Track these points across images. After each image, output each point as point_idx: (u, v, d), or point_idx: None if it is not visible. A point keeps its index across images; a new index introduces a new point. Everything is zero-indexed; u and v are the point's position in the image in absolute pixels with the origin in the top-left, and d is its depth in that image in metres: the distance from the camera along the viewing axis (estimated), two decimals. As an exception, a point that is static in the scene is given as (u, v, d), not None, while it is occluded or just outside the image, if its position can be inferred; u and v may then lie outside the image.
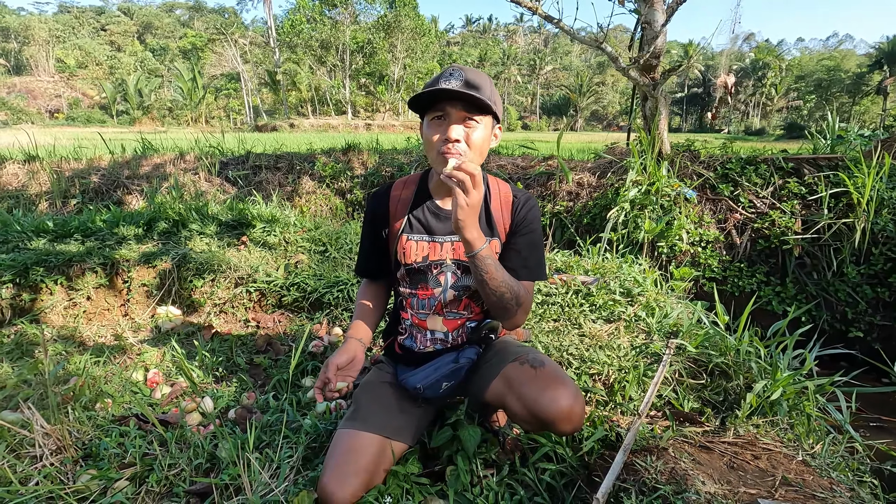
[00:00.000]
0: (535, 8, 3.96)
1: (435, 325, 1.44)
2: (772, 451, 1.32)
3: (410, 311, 1.46)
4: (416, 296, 1.43)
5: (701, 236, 3.92)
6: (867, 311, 3.40)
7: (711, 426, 1.53)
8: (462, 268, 1.39)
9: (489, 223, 1.39)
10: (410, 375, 1.41)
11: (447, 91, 1.19)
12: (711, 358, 1.80)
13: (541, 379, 1.22)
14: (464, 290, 1.40)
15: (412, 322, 1.47)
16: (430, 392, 1.37)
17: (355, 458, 1.26)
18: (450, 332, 1.44)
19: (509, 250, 1.38)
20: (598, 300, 2.18)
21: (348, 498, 1.20)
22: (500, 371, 1.31)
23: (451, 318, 1.44)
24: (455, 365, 1.40)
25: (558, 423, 1.17)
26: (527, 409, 1.20)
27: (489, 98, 1.22)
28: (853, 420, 1.64)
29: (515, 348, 1.39)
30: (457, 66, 1.25)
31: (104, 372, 2.13)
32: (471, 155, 1.24)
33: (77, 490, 1.37)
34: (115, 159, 5.77)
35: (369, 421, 1.34)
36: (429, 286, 1.41)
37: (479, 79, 1.24)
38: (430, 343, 1.46)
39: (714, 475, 1.24)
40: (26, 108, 42.09)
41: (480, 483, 1.44)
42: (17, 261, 2.61)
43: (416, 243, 1.39)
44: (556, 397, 1.17)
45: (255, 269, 2.79)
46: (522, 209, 1.39)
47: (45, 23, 58.86)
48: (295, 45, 40.63)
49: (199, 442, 1.58)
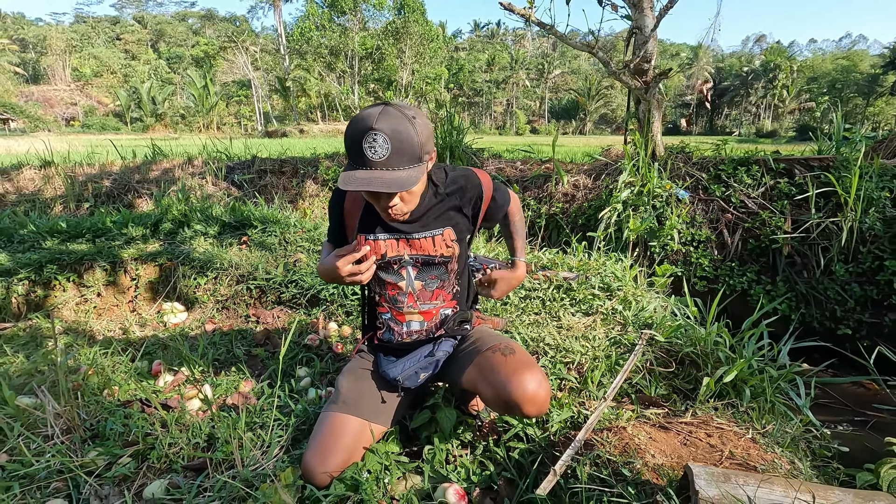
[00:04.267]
0: (529, 15, 4.08)
1: (411, 316, 1.52)
2: (724, 429, 1.41)
3: (386, 304, 1.53)
4: (386, 291, 1.50)
5: (693, 236, 3.99)
6: (855, 309, 3.45)
7: (675, 410, 1.62)
8: (421, 261, 1.46)
9: (440, 216, 1.44)
10: (390, 367, 1.51)
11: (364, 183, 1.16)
12: (682, 347, 1.89)
13: (509, 365, 1.30)
14: (430, 282, 1.49)
15: (390, 315, 1.54)
16: (409, 383, 1.48)
17: (336, 437, 1.38)
18: (425, 322, 1.53)
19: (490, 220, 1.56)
20: (579, 295, 2.28)
21: (328, 473, 1.33)
22: (474, 360, 1.40)
23: (426, 309, 1.52)
24: (432, 357, 1.49)
25: (524, 405, 1.25)
26: (496, 393, 1.29)
27: (409, 163, 1.19)
28: (837, 412, 1.72)
29: (490, 338, 1.48)
30: (378, 133, 1.15)
31: (111, 362, 2.27)
32: (411, 205, 1.33)
33: (84, 464, 1.50)
34: (126, 164, 5.98)
35: (350, 404, 1.45)
36: (394, 280, 1.48)
37: (403, 142, 1.17)
38: (406, 335, 1.53)
39: (667, 450, 1.33)
40: (43, 116, 43.06)
41: (455, 461, 1.55)
42: (33, 259, 2.77)
43: (374, 242, 1.43)
44: (521, 382, 1.25)
45: (256, 268, 2.92)
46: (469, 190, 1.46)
47: (63, 32, 60.22)
48: (304, 51, 41.18)
49: (198, 424, 1.70)
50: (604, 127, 60.03)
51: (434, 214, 1.43)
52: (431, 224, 1.43)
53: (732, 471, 1.03)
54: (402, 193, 1.27)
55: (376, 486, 1.42)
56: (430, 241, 1.44)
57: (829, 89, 47.74)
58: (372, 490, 1.39)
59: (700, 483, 0.98)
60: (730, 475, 1.00)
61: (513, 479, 1.45)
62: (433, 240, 1.43)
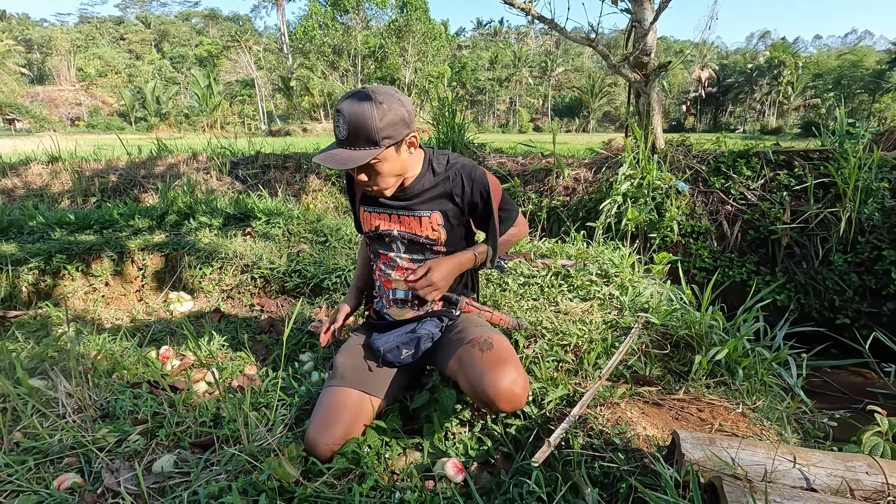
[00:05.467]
0: (529, 9, 4.11)
1: (397, 284, 1.58)
2: (715, 405, 1.45)
3: (378, 272, 1.63)
4: (379, 258, 1.61)
5: (693, 227, 4.02)
6: (854, 299, 3.47)
7: (668, 389, 1.66)
8: (407, 238, 1.53)
9: (430, 199, 1.48)
10: (377, 340, 1.58)
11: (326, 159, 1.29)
12: (677, 331, 1.93)
13: (486, 361, 1.32)
14: (418, 259, 1.55)
15: (380, 283, 1.64)
16: (392, 356, 1.54)
17: (337, 410, 1.44)
18: (409, 293, 1.58)
19: (483, 221, 1.55)
20: (577, 281, 2.32)
21: (329, 445, 1.38)
22: (457, 351, 1.43)
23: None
24: (413, 334, 1.54)
25: (498, 401, 1.28)
26: (473, 388, 1.32)
27: (365, 144, 1.27)
28: (834, 400, 1.75)
29: (473, 329, 1.50)
30: (341, 115, 1.27)
31: (120, 348, 2.32)
32: (381, 184, 1.39)
33: (96, 440, 1.55)
34: (132, 160, 6.05)
35: (348, 378, 1.52)
36: (385, 251, 1.58)
37: (358, 125, 1.25)
38: (391, 303, 1.61)
39: (658, 424, 1.37)
40: (48, 116, 43.33)
41: (454, 438, 1.59)
42: (42, 249, 2.84)
43: (370, 214, 1.56)
44: (495, 379, 1.27)
45: (260, 258, 2.98)
46: (465, 183, 1.48)
47: (67, 33, 60.57)
48: (307, 50, 41.25)
49: (205, 404, 1.76)
50: (607, 125, 59.89)
51: (426, 197, 1.48)
52: (420, 206, 1.49)
53: (717, 436, 1.07)
54: (367, 172, 1.35)
55: (377, 460, 1.47)
56: (418, 221, 1.49)
57: (834, 86, 47.42)
58: (373, 464, 1.44)
59: (686, 446, 1.03)
60: (714, 439, 1.04)
61: (509, 453, 1.50)
62: (420, 220, 1.49)
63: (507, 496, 1.27)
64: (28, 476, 1.36)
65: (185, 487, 1.31)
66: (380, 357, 1.55)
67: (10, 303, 2.80)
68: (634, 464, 1.13)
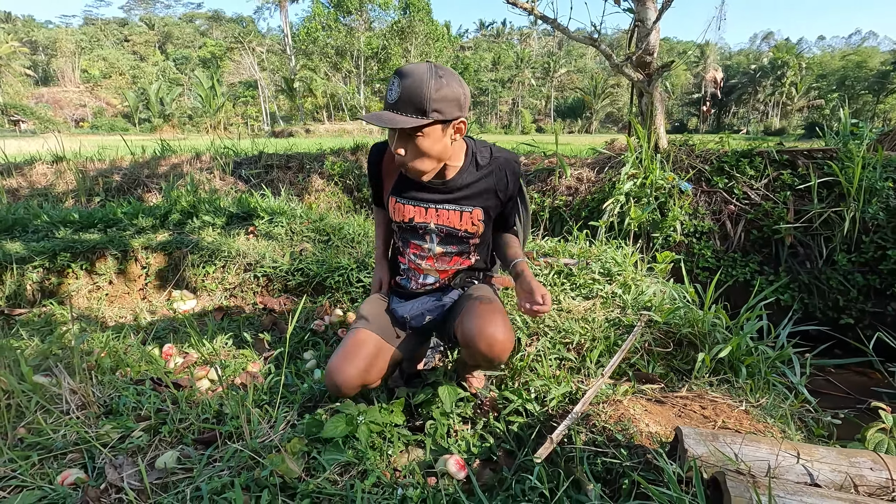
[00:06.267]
0: (531, 8, 4.11)
1: (428, 272, 1.62)
2: (718, 402, 1.44)
3: (406, 259, 1.64)
4: (409, 247, 1.61)
5: (696, 227, 4.01)
6: (858, 299, 3.45)
7: (671, 387, 1.66)
8: (444, 232, 1.53)
9: (474, 194, 1.48)
10: (400, 307, 1.62)
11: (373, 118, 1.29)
12: (680, 329, 1.92)
13: (480, 312, 1.39)
14: (451, 251, 1.57)
15: (408, 267, 1.65)
16: (416, 322, 1.59)
17: (359, 346, 1.51)
18: (440, 278, 1.62)
19: (502, 214, 1.56)
20: (579, 280, 2.32)
21: (350, 376, 1.46)
22: (464, 306, 1.48)
23: (442, 269, 1.61)
24: (438, 302, 1.61)
25: (478, 342, 1.33)
26: (463, 335, 1.38)
27: (413, 112, 1.25)
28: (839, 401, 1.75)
29: (482, 292, 1.54)
30: (398, 77, 1.26)
31: (123, 345, 2.33)
32: (417, 163, 1.34)
33: (99, 436, 1.55)
34: (135, 160, 6.08)
35: (371, 321, 1.58)
36: (418, 242, 1.58)
37: (412, 90, 1.23)
38: (421, 286, 1.64)
39: (661, 421, 1.37)
40: (53, 117, 43.56)
41: (456, 435, 1.59)
42: (47, 247, 2.85)
43: (404, 206, 1.52)
44: (483, 325, 1.34)
45: (263, 256, 2.98)
46: (508, 178, 1.50)
47: (72, 35, 60.88)
48: (311, 52, 41.34)
49: (207, 401, 1.76)
50: (610, 125, 59.78)
51: (470, 192, 1.47)
52: (463, 200, 1.47)
53: (720, 432, 1.07)
54: (406, 145, 1.32)
55: (379, 456, 1.47)
56: (458, 215, 1.48)
57: (838, 86, 47.24)
58: (375, 460, 1.44)
59: (689, 442, 1.02)
60: (717, 435, 1.03)
61: (512, 450, 1.50)
62: (461, 215, 1.48)
63: (510, 492, 1.27)
64: (32, 472, 1.36)
65: (188, 483, 1.31)
66: (406, 324, 1.59)
67: (15, 301, 2.81)
68: (637, 460, 1.13)
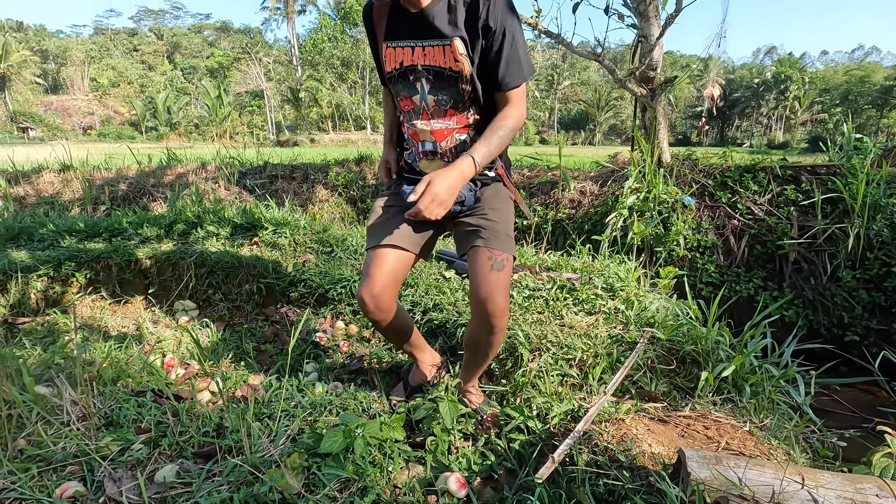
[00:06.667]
0: (536, 24, 4.16)
1: (424, 135, 1.55)
2: (721, 422, 1.43)
3: (405, 123, 1.59)
4: (403, 106, 1.55)
5: (699, 242, 4.01)
6: (863, 316, 3.43)
7: (674, 405, 1.64)
8: (434, 73, 1.45)
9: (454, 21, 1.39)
10: (407, 191, 1.56)
11: None
12: (683, 346, 1.91)
13: (491, 278, 1.43)
14: (444, 99, 1.49)
15: (408, 135, 1.61)
16: None
17: (379, 266, 1.57)
18: (438, 143, 1.55)
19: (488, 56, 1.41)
20: (582, 295, 2.31)
21: (380, 284, 1.55)
22: (477, 246, 1.50)
23: (438, 129, 1.53)
24: None
25: (486, 305, 1.41)
26: (473, 289, 1.45)
27: None
28: (845, 419, 1.73)
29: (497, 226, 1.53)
30: None
31: (125, 356, 2.33)
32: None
33: (99, 449, 1.55)
34: (141, 169, 6.13)
35: (383, 235, 1.59)
36: (409, 94, 1.51)
37: None
38: (421, 155, 1.59)
39: (664, 441, 1.36)
40: (61, 125, 44.06)
41: (457, 452, 1.58)
42: (52, 256, 2.87)
43: (394, 50, 1.46)
44: (490, 293, 1.41)
45: (266, 268, 2.99)
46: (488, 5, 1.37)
47: (82, 44, 61.82)
48: (317, 62, 41.83)
49: (208, 414, 1.76)
50: (613, 138, 59.98)
51: (447, 20, 1.39)
52: (438, 32, 1.40)
53: (724, 455, 1.06)
54: None
55: (379, 473, 1.46)
56: (441, 50, 1.42)
57: (841, 101, 47.34)
58: (375, 477, 1.43)
59: (692, 465, 1.01)
60: (721, 458, 1.02)
61: (513, 468, 1.48)
62: (443, 49, 1.41)
63: (511, 513, 1.26)
64: (31, 484, 1.36)
65: (187, 498, 1.31)
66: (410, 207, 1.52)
67: (19, 309, 2.82)
68: (639, 482, 1.12)
